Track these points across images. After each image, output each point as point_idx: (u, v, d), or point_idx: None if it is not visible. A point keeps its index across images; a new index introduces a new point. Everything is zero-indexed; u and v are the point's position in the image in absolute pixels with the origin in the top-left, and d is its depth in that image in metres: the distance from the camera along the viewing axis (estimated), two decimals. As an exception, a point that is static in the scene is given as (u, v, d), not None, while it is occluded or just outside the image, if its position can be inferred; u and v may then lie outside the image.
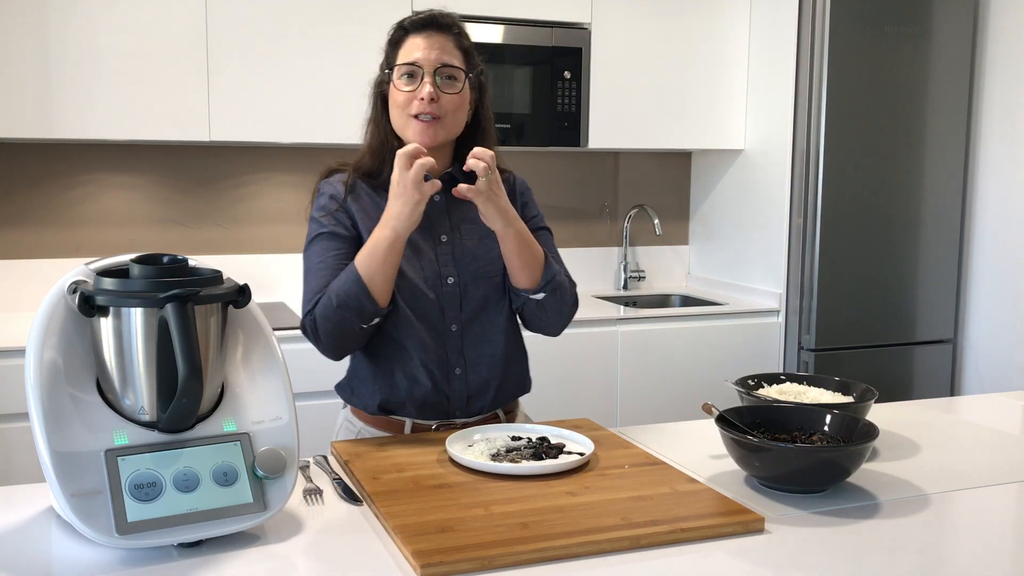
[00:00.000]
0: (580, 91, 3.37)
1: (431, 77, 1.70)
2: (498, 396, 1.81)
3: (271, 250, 3.43)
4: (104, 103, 2.84)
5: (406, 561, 1.20)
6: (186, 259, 1.32)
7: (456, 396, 1.77)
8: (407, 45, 1.74)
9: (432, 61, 1.71)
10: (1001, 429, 1.89)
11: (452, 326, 1.76)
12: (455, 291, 1.75)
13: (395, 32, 1.79)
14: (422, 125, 1.70)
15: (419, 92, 1.70)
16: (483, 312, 1.78)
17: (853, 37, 3.29)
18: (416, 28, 1.75)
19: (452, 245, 1.77)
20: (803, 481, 1.44)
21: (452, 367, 1.76)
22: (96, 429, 1.23)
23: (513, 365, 1.83)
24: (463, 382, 1.77)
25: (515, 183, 1.88)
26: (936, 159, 3.49)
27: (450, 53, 1.73)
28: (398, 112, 1.74)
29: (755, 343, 3.46)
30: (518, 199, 1.86)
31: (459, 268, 1.76)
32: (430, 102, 1.69)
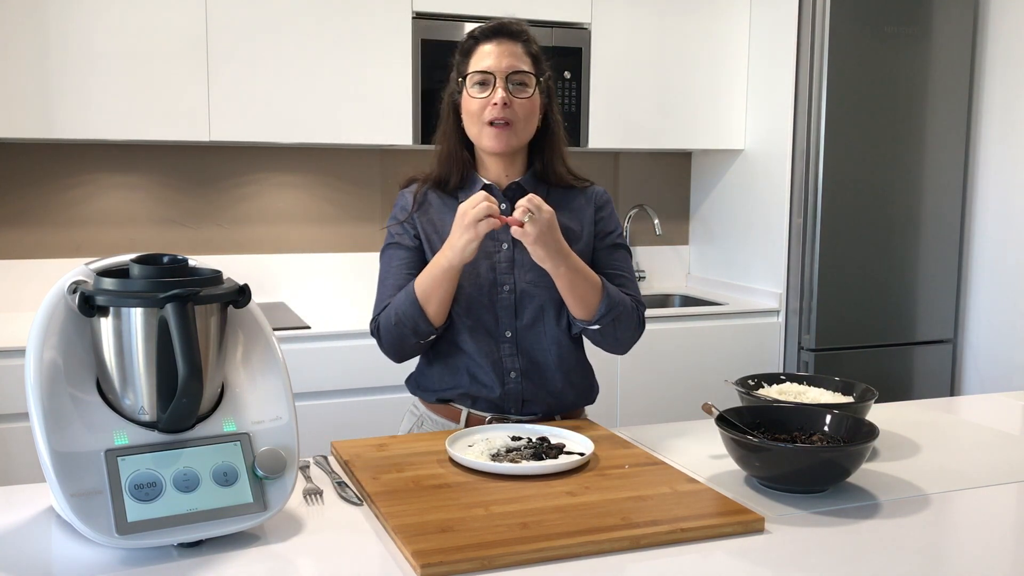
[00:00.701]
0: (580, 91, 3.37)
1: (503, 83, 1.74)
2: (555, 403, 1.84)
3: (271, 250, 3.43)
4: (104, 103, 2.84)
5: (406, 561, 1.20)
6: (186, 259, 1.32)
7: (511, 398, 1.80)
8: (478, 54, 1.78)
9: (503, 68, 1.75)
10: (1001, 429, 1.89)
11: (507, 332, 1.79)
12: (510, 299, 1.78)
13: (465, 42, 1.82)
14: (495, 131, 1.75)
15: (492, 98, 1.74)
16: (538, 322, 1.80)
17: (853, 37, 3.29)
18: (486, 36, 1.78)
19: (511, 253, 1.80)
20: (803, 481, 1.44)
21: (507, 371, 1.80)
22: (96, 429, 1.23)
23: (572, 375, 1.85)
24: (518, 386, 1.80)
25: (594, 196, 1.90)
26: (936, 159, 3.49)
27: (520, 59, 1.77)
28: (472, 120, 1.77)
29: (755, 343, 3.46)
30: (594, 214, 1.88)
31: (516, 277, 1.79)
32: (503, 107, 1.73)
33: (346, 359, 2.84)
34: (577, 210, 1.86)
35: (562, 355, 1.82)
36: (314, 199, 3.47)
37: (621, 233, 1.91)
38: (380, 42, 3.11)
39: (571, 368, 1.85)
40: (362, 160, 3.51)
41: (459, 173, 1.83)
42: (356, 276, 3.47)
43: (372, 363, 1.90)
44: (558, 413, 1.85)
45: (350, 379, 2.87)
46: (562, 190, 1.87)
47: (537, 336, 1.81)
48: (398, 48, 3.12)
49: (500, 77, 1.74)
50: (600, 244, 1.87)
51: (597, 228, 1.87)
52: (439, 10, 3.15)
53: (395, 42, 3.12)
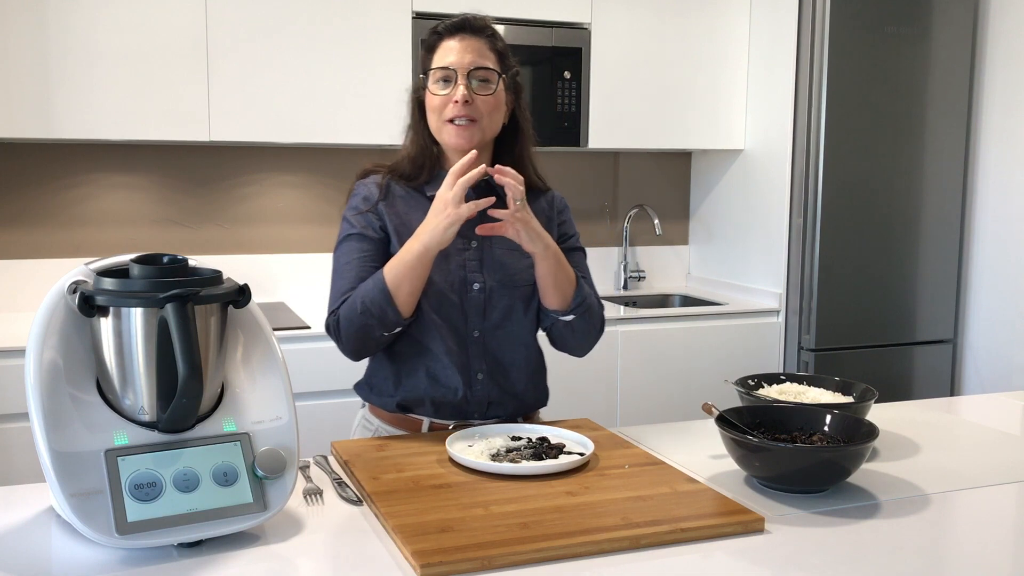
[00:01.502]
0: (580, 91, 3.37)
1: (464, 80, 1.71)
2: (518, 405, 1.82)
3: (271, 250, 3.43)
4: (104, 103, 2.84)
5: (406, 561, 1.20)
6: (186, 259, 1.32)
7: (476, 400, 1.78)
8: (441, 50, 1.75)
9: (465, 64, 1.72)
10: (1001, 429, 1.89)
11: (475, 332, 1.76)
12: (480, 298, 1.76)
13: (429, 38, 1.79)
14: (458, 128, 1.72)
15: (453, 95, 1.71)
16: (507, 321, 1.78)
17: (853, 37, 3.29)
18: (449, 32, 1.76)
19: (481, 251, 1.77)
20: (803, 481, 1.44)
21: (474, 372, 1.77)
22: (96, 429, 1.23)
23: (534, 377, 1.84)
24: (484, 387, 1.77)
25: (554, 201, 1.89)
26: (936, 159, 3.49)
27: (483, 55, 1.74)
28: (434, 117, 1.75)
29: (755, 343, 3.46)
30: (556, 217, 1.87)
31: (486, 275, 1.76)
32: (464, 104, 1.70)
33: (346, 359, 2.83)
34: (540, 213, 1.82)
35: (528, 356, 1.81)
36: (314, 199, 3.47)
37: (579, 237, 1.91)
38: (380, 42, 3.11)
39: (534, 370, 1.84)
40: (362, 160, 3.47)
41: (429, 169, 1.79)
42: (356, 276, 3.47)
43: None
44: (520, 415, 1.83)
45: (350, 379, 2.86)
46: (528, 192, 1.82)
47: (505, 336, 1.78)
48: (398, 48, 3.12)
49: (462, 74, 1.71)
50: (561, 247, 1.81)
51: (559, 231, 1.86)
52: (439, 10, 3.15)
53: (395, 42, 3.11)
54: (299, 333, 2.86)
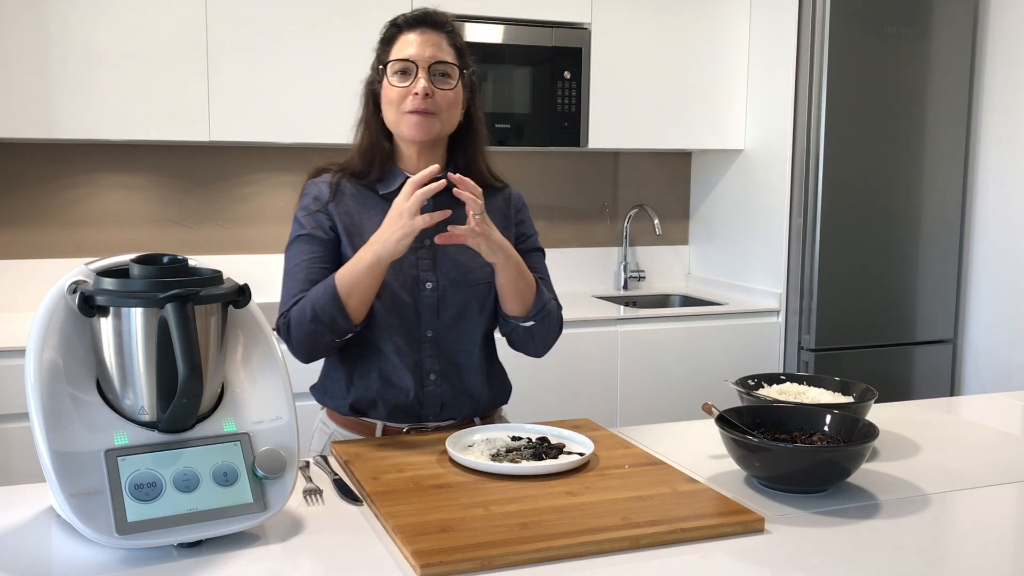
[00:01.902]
0: (580, 91, 3.37)
1: (425, 73, 1.69)
2: (474, 406, 1.80)
3: (271, 250, 3.43)
4: (104, 103, 2.84)
5: (406, 561, 1.20)
6: (186, 259, 1.32)
7: (430, 402, 1.76)
8: (400, 42, 1.73)
9: (426, 57, 1.70)
10: (1001, 429, 1.89)
11: (428, 332, 1.74)
12: (432, 297, 1.73)
13: (388, 30, 1.77)
14: (416, 118, 1.69)
15: (413, 87, 1.69)
16: (460, 321, 1.76)
17: (853, 37, 3.29)
18: (409, 25, 1.74)
19: (434, 250, 1.74)
20: (803, 481, 1.44)
21: (427, 373, 1.75)
22: (96, 429, 1.23)
23: (489, 376, 1.82)
24: (437, 389, 1.75)
25: (511, 199, 1.87)
26: (936, 159, 3.49)
27: (443, 50, 1.72)
28: (392, 109, 1.72)
29: (755, 343, 3.46)
30: (514, 216, 1.85)
31: (439, 274, 1.74)
32: (424, 97, 1.68)
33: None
34: (498, 211, 1.81)
35: (482, 356, 1.79)
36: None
37: (537, 236, 1.89)
38: (380, 42, 3.11)
39: (489, 369, 1.82)
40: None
41: (380, 165, 1.76)
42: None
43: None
44: (476, 416, 1.81)
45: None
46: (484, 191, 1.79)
47: (459, 336, 1.76)
48: (398, 48, 3.11)
49: (423, 67, 1.69)
50: (520, 247, 1.80)
51: (517, 231, 1.84)
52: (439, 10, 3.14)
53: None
54: (299, 333, 2.85)
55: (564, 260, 3.78)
